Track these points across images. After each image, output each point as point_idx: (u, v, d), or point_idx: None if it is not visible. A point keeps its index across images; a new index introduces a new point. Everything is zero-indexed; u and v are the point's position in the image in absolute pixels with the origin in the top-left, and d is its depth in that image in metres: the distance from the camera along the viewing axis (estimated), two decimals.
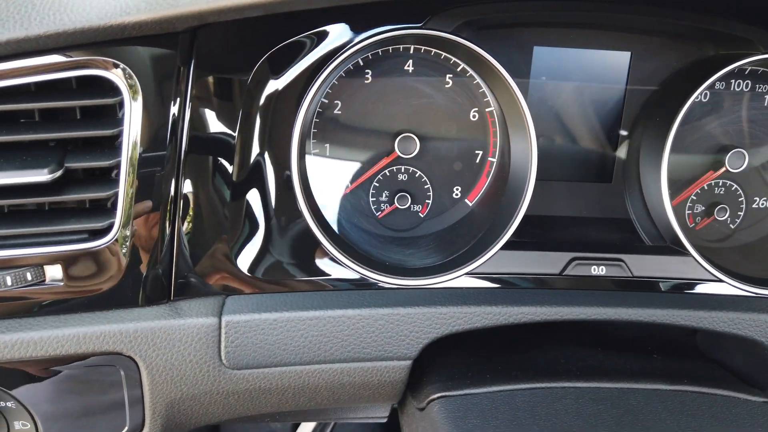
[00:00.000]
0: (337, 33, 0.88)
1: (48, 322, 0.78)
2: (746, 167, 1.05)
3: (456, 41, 0.88)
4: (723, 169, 1.04)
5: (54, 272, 0.78)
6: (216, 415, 0.88)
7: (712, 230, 1.09)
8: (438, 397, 0.86)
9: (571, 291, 0.93)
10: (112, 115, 0.79)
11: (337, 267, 0.89)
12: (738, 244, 1.09)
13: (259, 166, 0.85)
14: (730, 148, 1.04)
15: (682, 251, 0.96)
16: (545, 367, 0.91)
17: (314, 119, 0.97)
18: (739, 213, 1.10)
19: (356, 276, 0.89)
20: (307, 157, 0.97)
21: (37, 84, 0.75)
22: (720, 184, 1.08)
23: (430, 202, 1.05)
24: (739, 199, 1.09)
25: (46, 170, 0.73)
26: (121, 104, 0.78)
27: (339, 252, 0.88)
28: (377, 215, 1.04)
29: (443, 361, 0.94)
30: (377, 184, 1.03)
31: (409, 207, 1.04)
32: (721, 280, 0.95)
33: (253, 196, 0.86)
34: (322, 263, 0.89)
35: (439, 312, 0.87)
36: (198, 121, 0.82)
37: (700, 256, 0.95)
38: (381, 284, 0.90)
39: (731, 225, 1.10)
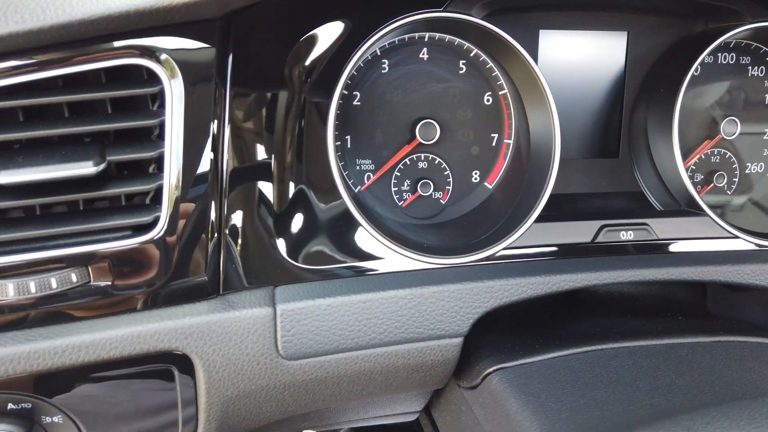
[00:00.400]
0: (364, 19, 0.89)
1: (98, 324, 0.74)
2: (739, 134, 1.11)
3: (479, 24, 0.91)
4: (719, 136, 1.11)
5: (100, 272, 0.74)
6: (268, 413, 0.85)
7: (712, 197, 1.15)
8: (495, 370, 0.86)
9: (603, 258, 0.96)
10: (145, 107, 0.77)
11: (380, 251, 0.88)
12: (737, 208, 1.15)
13: (299, 157, 0.85)
14: (723, 117, 1.11)
15: (698, 213, 1.00)
16: (587, 333, 0.93)
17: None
18: (734, 179, 1.16)
19: (399, 258, 0.89)
20: None
21: (65, 76, 0.73)
22: (716, 152, 1.15)
23: (451, 188, 1.06)
24: (733, 166, 1.16)
25: (90, 162, 0.70)
26: (156, 95, 0.76)
27: (381, 235, 0.88)
28: (400, 205, 1.04)
29: (487, 339, 0.94)
30: (398, 174, 1.04)
31: (431, 194, 1.05)
32: (737, 237, 1.00)
33: (295, 187, 0.85)
34: (364, 248, 0.88)
35: (487, 285, 0.88)
36: (237, 111, 0.81)
37: (716, 216, 0.99)
38: (424, 265, 0.90)
39: (728, 191, 1.16)
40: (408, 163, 1.04)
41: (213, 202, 0.79)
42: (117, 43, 0.74)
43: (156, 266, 0.76)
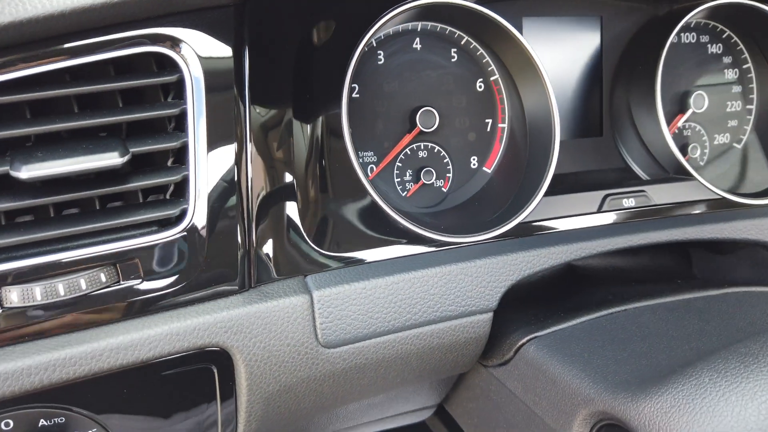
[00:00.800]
0: (361, 11, 0.90)
1: (133, 325, 0.70)
2: (707, 107, 1.19)
3: (475, 9, 0.93)
4: (690, 110, 1.18)
5: (129, 271, 0.70)
6: (308, 408, 0.82)
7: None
8: (528, 340, 0.87)
9: (610, 226, 0.99)
10: (155, 98, 0.74)
11: (401, 234, 0.88)
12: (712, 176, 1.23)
13: (317, 147, 0.84)
14: (692, 92, 1.18)
15: (687, 178, 1.06)
16: (604, 300, 0.96)
17: None
18: (705, 150, 1.23)
19: (421, 239, 0.89)
20: None
21: (75, 68, 0.69)
22: (687, 126, 1.22)
23: (451, 175, 1.07)
24: (703, 138, 1.23)
25: (116, 153, 0.67)
26: (169, 85, 0.74)
27: (402, 218, 0.88)
28: (404, 195, 1.05)
29: (511, 317, 0.95)
30: (400, 164, 1.04)
31: (433, 183, 1.06)
32: (724, 198, 1.06)
33: (317, 177, 0.84)
34: (387, 232, 0.88)
35: (510, 258, 0.89)
36: (257, 103, 0.79)
37: (703, 179, 1.05)
38: (446, 245, 0.90)
39: (701, 162, 1.23)
40: (409, 152, 1.05)
41: (239, 192, 0.77)
42: (132, 32, 0.71)
43: (186, 261, 0.73)
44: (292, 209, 0.82)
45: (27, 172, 0.63)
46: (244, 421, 0.76)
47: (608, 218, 1.00)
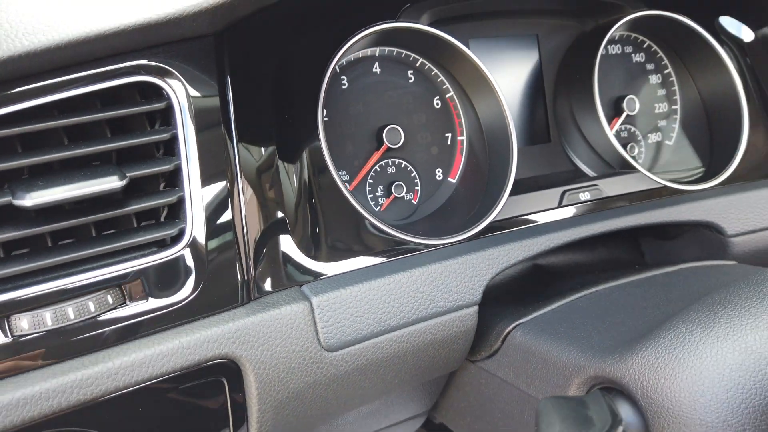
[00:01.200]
0: (326, 38, 0.97)
1: (144, 343, 0.71)
2: (639, 110, 1.31)
3: (433, 33, 1.02)
4: (624, 113, 1.30)
5: (135, 292, 0.72)
6: (314, 416, 0.84)
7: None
8: (514, 327, 0.92)
9: (571, 218, 1.07)
10: (139, 127, 0.78)
11: (385, 242, 0.93)
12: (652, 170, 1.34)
13: (303, 169, 0.89)
14: (624, 97, 1.30)
15: (631, 171, 1.16)
16: (575, 286, 1.03)
17: None
18: (641, 149, 1.35)
19: (404, 243, 0.94)
20: None
21: (63, 100, 0.72)
22: (623, 128, 1.34)
23: (419, 188, 1.14)
24: (639, 138, 1.35)
25: (115, 177, 0.70)
26: (154, 113, 0.77)
27: (386, 226, 0.93)
28: (377, 210, 1.10)
29: (492, 312, 1.00)
30: (372, 181, 1.10)
31: (404, 196, 1.12)
32: (666, 186, 1.17)
33: (305, 194, 0.88)
34: (374, 240, 0.93)
35: (488, 254, 0.95)
36: (243, 121, 0.83)
37: (647, 171, 1.16)
38: (425, 247, 0.95)
39: (639, 160, 1.35)
40: (378, 169, 1.11)
41: (233, 210, 0.80)
42: (119, 65, 0.75)
43: (187, 278, 0.75)
44: (283, 225, 0.86)
45: (31, 199, 0.65)
46: (256, 431, 0.78)
47: (568, 212, 1.08)
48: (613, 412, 0.62)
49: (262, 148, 0.86)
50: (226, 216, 0.79)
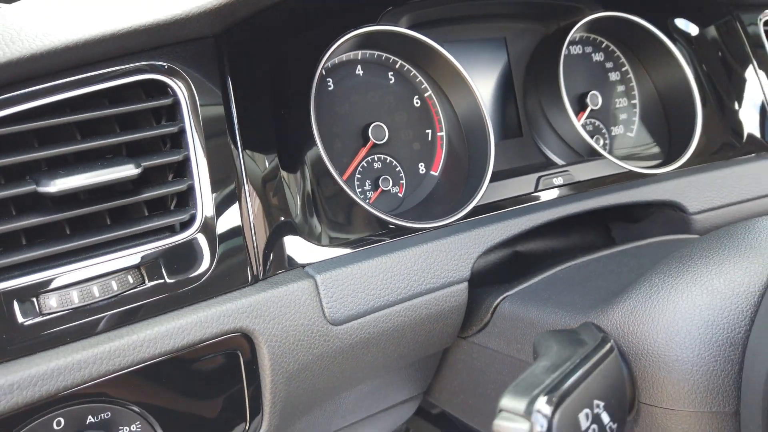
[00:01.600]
0: (313, 43, 1.04)
1: (164, 319, 0.76)
2: (601, 105, 1.41)
3: (413, 36, 1.11)
4: (589, 108, 1.40)
5: (152, 272, 0.77)
6: (322, 389, 0.89)
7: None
8: (502, 299, 0.99)
9: (547, 201, 1.16)
10: (149, 122, 0.84)
11: (380, 225, 1.00)
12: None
13: (299, 151, 0.95)
14: (587, 93, 1.40)
15: (599, 157, 1.25)
16: (554, 263, 1.10)
17: None
18: (607, 141, 1.45)
19: (397, 227, 1.01)
20: None
21: (72, 99, 0.78)
22: (588, 122, 1.43)
23: (404, 181, 1.21)
24: (603, 131, 1.45)
25: (131, 166, 0.75)
26: (165, 108, 0.83)
27: (379, 212, 1.00)
28: (366, 203, 1.16)
29: (481, 290, 1.07)
30: (359, 176, 1.17)
31: (390, 189, 1.19)
32: (631, 171, 1.26)
33: (305, 185, 0.95)
34: (368, 225, 0.99)
35: (474, 234, 1.03)
36: (246, 115, 0.90)
37: (613, 158, 1.25)
38: (416, 230, 1.02)
39: (605, 149, 1.45)
40: (365, 165, 1.18)
41: (240, 196, 0.86)
42: (127, 66, 0.81)
43: (201, 259, 0.81)
44: (286, 214, 0.92)
45: (56, 186, 0.70)
46: (270, 402, 0.82)
47: (544, 195, 1.17)
48: (603, 333, 0.70)
49: (263, 143, 0.92)
50: (234, 202, 0.85)
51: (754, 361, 0.69)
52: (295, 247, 0.91)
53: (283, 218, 0.91)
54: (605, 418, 0.62)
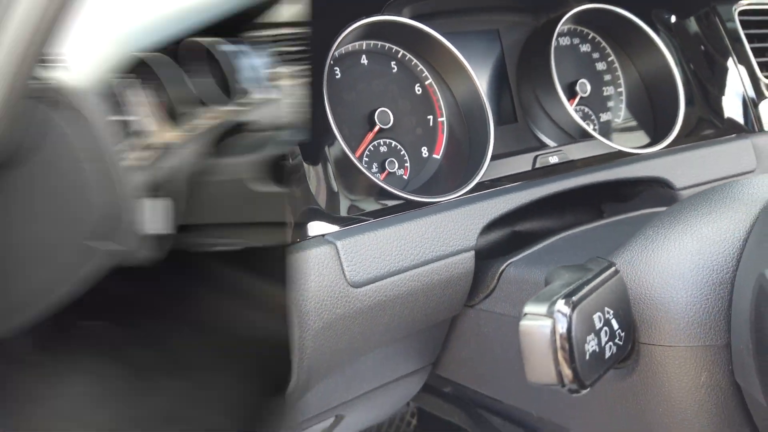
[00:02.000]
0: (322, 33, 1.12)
1: None
2: (590, 93, 1.50)
3: (415, 26, 1.18)
4: (579, 95, 1.48)
5: None
6: (344, 349, 0.95)
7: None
8: (507, 265, 1.06)
9: (545, 178, 1.23)
10: None
11: (392, 199, 1.07)
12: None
13: (316, 135, 1.03)
14: (576, 81, 1.49)
15: (590, 138, 1.34)
16: (552, 229, 1.18)
17: None
18: (596, 126, 1.54)
19: (407, 201, 1.08)
20: None
21: None
22: (578, 109, 1.52)
23: (409, 165, 1.28)
24: (593, 117, 1.54)
25: None
26: None
27: (391, 187, 1.07)
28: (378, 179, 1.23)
29: (486, 262, 1.13)
30: (367, 159, 1.24)
31: (396, 171, 1.26)
32: (620, 151, 1.35)
33: (323, 162, 1.02)
34: (380, 200, 1.06)
35: (479, 206, 1.10)
36: None
37: (603, 138, 1.34)
38: (424, 204, 1.09)
39: (595, 133, 1.53)
40: (372, 149, 1.25)
41: None
42: None
43: None
44: (307, 190, 0.99)
45: None
46: (297, 358, 0.88)
47: (542, 173, 1.25)
48: (608, 261, 0.78)
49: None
50: None
51: (740, 297, 0.76)
52: (315, 219, 0.98)
53: (307, 193, 0.98)
54: (614, 323, 0.70)
